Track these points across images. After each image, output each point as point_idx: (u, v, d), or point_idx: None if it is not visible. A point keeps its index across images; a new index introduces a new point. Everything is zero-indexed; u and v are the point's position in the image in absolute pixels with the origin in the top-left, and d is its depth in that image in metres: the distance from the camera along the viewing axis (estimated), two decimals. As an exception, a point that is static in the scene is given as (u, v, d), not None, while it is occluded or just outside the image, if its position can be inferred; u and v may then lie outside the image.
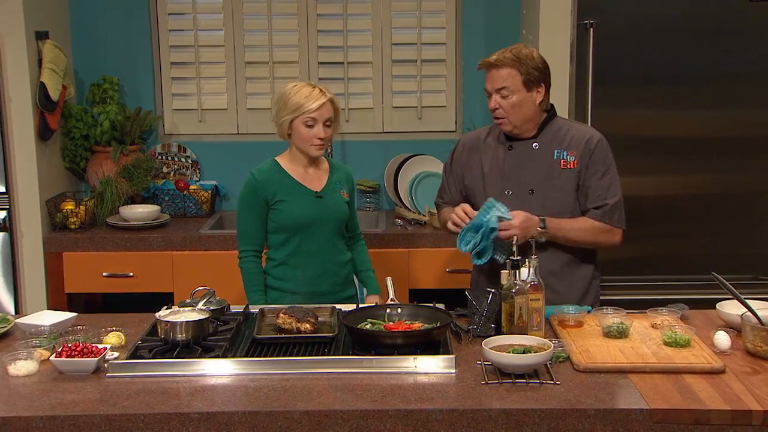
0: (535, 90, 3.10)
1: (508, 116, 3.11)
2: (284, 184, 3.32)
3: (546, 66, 3.14)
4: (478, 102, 4.95)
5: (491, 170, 3.22)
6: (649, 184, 4.28)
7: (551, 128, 3.19)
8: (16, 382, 2.48)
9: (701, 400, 2.31)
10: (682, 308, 3.00)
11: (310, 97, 3.21)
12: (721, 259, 4.28)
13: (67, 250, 4.40)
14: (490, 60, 3.12)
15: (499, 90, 3.09)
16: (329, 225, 3.34)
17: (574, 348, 2.66)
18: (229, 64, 4.97)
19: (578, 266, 3.20)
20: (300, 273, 3.33)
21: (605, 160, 3.15)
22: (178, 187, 4.79)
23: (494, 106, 3.12)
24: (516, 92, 3.08)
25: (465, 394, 2.39)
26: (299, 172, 3.36)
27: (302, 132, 3.25)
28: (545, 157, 3.16)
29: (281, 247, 3.35)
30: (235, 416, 2.28)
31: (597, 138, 3.16)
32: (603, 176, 3.14)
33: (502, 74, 3.08)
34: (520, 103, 3.09)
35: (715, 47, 4.20)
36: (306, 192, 3.33)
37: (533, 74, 3.08)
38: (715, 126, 4.26)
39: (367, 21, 4.94)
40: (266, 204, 3.31)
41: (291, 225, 3.30)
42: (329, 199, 3.35)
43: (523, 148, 3.19)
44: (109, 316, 3.09)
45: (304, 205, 3.31)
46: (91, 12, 4.87)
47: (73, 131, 4.70)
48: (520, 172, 3.17)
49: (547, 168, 3.15)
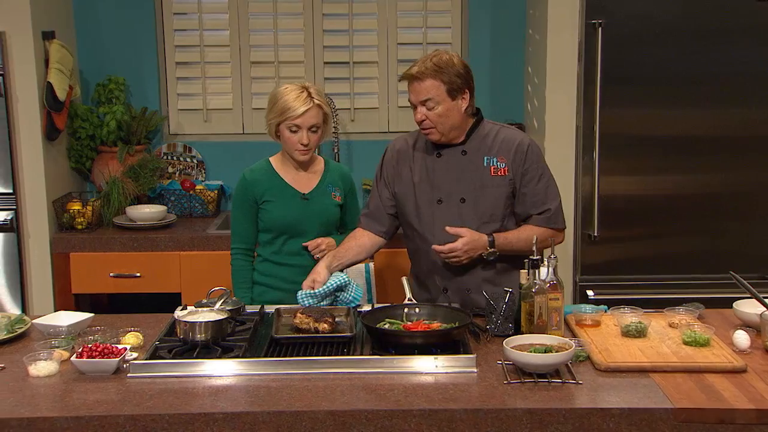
0: (460, 97, 3.06)
1: (435, 126, 3.06)
2: (273, 185, 3.35)
3: (468, 70, 3.09)
4: (484, 102, 4.96)
5: (421, 179, 3.17)
6: (657, 183, 4.28)
7: (479, 133, 3.15)
8: (37, 383, 2.47)
9: (725, 400, 2.32)
10: (698, 307, 3.00)
11: (296, 102, 3.20)
12: (732, 257, 4.28)
13: (74, 251, 4.38)
14: (412, 72, 3.04)
15: (424, 102, 3.03)
16: (315, 227, 3.36)
17: (594, 347, 2.66)
18: (235, 63, 4.95)
19: (513, 270, 3.14)
20: (283, 271, 3.36)
21: (539, 164, 3.15)
22: (184, 187, 4.78)
23: (421, 118, 3.06)
24: (441, 102, 3.02)
25: (488, 393, 2.39)
26: (289, 174, 3.38)
27: (286, 136, 3.27)
28: (475, 165, 3.13)
29: (267, 245, 3.40)
30: (260, 416, 2.28)
31: (527, 143, 3.14)
32: (539, 181, 3.13)
33: (426, 86, 3.01)
34: (446, 112, 3.04)
35: (723, 46, 4.20)
36: (293, 194, 3.35)
37: (456, 82, 3.02)
38: (725, 124, 4.25)
39: (372, 21, 4.94)
40: (255, 203, 3.35)
41: (276, 225, 3.34)
42: (316, 202, 3.36)
43: (451, 155, 3.15)
44: (125, 317, 3.08)
45: (290, 207, 3.33)
46: (96, 12, 4.86)
47: (79, 131, 4.68)
48: (451, 180, 3.14)
49: (477, 175, 3.12)
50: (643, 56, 4.22)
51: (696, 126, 4.26)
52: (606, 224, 4.24)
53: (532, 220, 3.13)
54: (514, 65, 4.92)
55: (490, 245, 3.03)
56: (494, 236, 3.05)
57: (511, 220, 3.16)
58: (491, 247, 3.03)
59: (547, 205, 3.12)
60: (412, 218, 3.20)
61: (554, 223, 3.14)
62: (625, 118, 4.23)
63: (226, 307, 2.88)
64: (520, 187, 3.11)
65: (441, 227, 3.09)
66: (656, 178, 4.29)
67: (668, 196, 4.28)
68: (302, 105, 3.20)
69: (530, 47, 4.77)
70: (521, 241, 3.09)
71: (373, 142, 4.99)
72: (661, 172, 4.28)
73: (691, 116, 4.25)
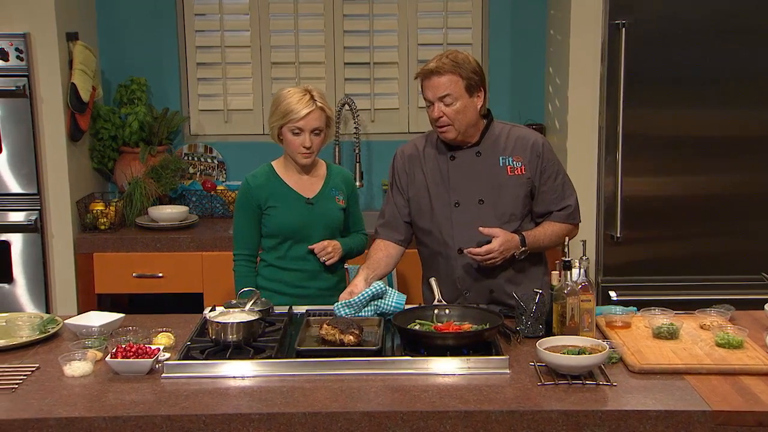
0: (476, 95, 3.06)
1: (453, 123, 3.04)
2: (277, 190, 3.32)
3: (482, 69, 3.10)
4: (505, 103, 4.97)
5: (435, 183, 3.16)
6: (680, 184, 4.28)
7: (492, 134, 3.15)
8: (72, 383, 2.48)
9: (763, 402, 2.31)
10: (729, 309, 2.99)
11: (298, 105, 3.18)
12: (759, 258, 4.27)
13: (98, 251, 4.39)
14: (430, 67, 3.03)
15: (442, 98, 3.01)
16: (319, 231, 3.33)
17: (626, 349, 2.65)
18: (255, 64, 4.96)
19: (531, 267, 3.18)
20: (287, 276, 3.35)
21: (554, 161, 3.16)
22: (206, 187, 4.79)
23: (438, 115, 3.03)
24: (459, 98, 3.01)
25: (522, 395, 2.38)
26: (293, 178, 3.36)
27: (289, 139, 3.24)
28: (491, 165, 3.12)
29: (272, 251, 3.37)
30: (296, 417, 2.28)
31: (541, 141, 3.15)
32: (557, 178, 3.14)
33: (444, 81, 3.00)
34: (464, 109, 3.03)
35: (747, 46, 4.19)
36: (297, 198, 3.33)
37: (473, 78, 3.03)
38: (749, 125, 4.25)
39: (393, 21, 4.94)
40: (259, 209, 3.32)
41: (281, 230, 3.31)
42: (321, 206, 3.34)
43: (466, 157, 3.14)
44: (155, 317, 3.09)
45: (295, 212, 3.31)
46: (118, 13, 4.88)
47: (102, 132, 4.70)
48: (467, 182, 3.12)
49: (494, 176, 3.11)
50: (667, 56, 4.21)
51: (720, 126, 4.25)
52: (629, 225, 4.24)
53: (553, 216, 3.14)
54: (535, 66, 4.92)
55: (522, 244, 3.04)
56: (524, 234, 3.06)
57: (527, 220, 3.17)
58: (523, 246, 3.04)
59: (566, 201, 3.14)
60: (427, 222, 3.19)
61: (573, 219, 3.17)
62: (648, 119, 4.22)
63: (256, 308, 2.88)
64: (539, 186, 3.12)
65: (460, 230, 3.10)
66: (680, 179, 4.28)
67: (692, 197, 4.27)
68: (305, 107, 3.18)
69: (551, 48, 4.77)
70: (546, 238, 3.12)
71: (393, 142, 4.93)
72: (685, 172, 4.27)
73: (715, 116, 4.25)
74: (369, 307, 2.99)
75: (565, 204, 3.14)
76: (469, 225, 3.07)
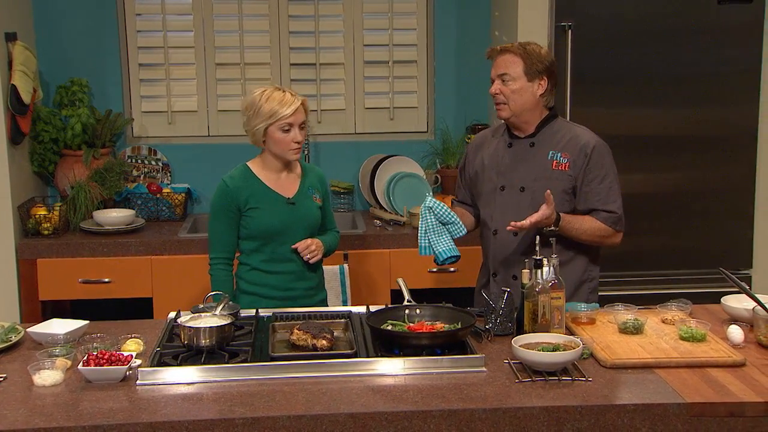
0: (537, 82, 3.16)
1: (507, 102, 3.17)
2: (256, 191, 3.30)
3: (553, 63, 3.21)
4: (450, 103, 5.01)
5: (489, 166, 3.30)
6: (624, 181, 4.32)
7: (551, 128, 3.24)
8: (43, 392, 2.41)
9: (734, 394, 2.38)
10: (686, 303, 3.07)
11: (283, 103, 3.20)
12: (692, 253, 4.43)
13: (41, 257, 4.28)
14: (497, 47, 3.23)
15: (501, 75, 3.18)
16: (301, 231, 3.33)
17: (596, 345, 2.70)
18: (200, 65, 4.90)
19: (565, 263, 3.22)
20: (274, 279, 3.33)
21: (603, 165, 3.20)
22: (151, 190, 4.71)
23: (495, 91, 3.19)
24: (517, 79, 3.15)
25: (502, 392, 2.41)
26: (271, 178, 3.34)
27: (278, 138, 3.23)
28: (539, 157, 3.21)
29: (254, 254, 3.34)
30: (280, 420, 2.27)
31: (593, 143, 3.20)
32: (602, 181, 3.19)
33: (506, 60, 3.17)
34: (520, 90, 3.15)
35: (687, 47, 4.35)
36: (278, 199, 3.31)
37: (537, 65, 3.15)
38: (690, 124, 4.40)
39: (338, 22, 4.94)
40: (238, 211, 3.29)
41: (263, 232, 3.29)
42: (301, 206, 3.34)
43: (521, 146, 3.25)
44: (119, 323, 3.02)
45: (277, 212, 3.29)
46: (55, 12, 4.76)
47: (42, 135, 4.58)
48: (515, 169, 3.23)
49: (539, 167, 3.20)
50: (611, 57, 4.33)
51: (663, 125, 4.39)
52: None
53: (596, 214, 3.18)
54: (480, 66, 4.94)
55: (556, 223, 3.07)
56: (561, 216, 3.09)
57: None
58: (555, 225, 3.07)
59: (610, 205, 3.17)
60: (478, 202, 3.35)
61: (615, 224, 3.18)
62: (594, 118, 4.27)
63: (225, 312, 2.85)
64: (581, 186, 3.17)
65: (499, 213, 3.22)
66: (624, 177, 4.35)
67: (636, 194, 4.37)
68: (291, 104, 3.20)
69: (495, 48, 4.82)
70: (580, 230, 3.15)
71: (340, 143, 4.99)
72: (629, 170, 4.36)
73: (657, 115, 4.39)
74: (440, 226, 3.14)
75: (609, 208, 3.17)
76: (507, 210, 3.18)
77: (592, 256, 3.28)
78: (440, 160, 4.95)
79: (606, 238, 3.19)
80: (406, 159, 4.87)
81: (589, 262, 3.27)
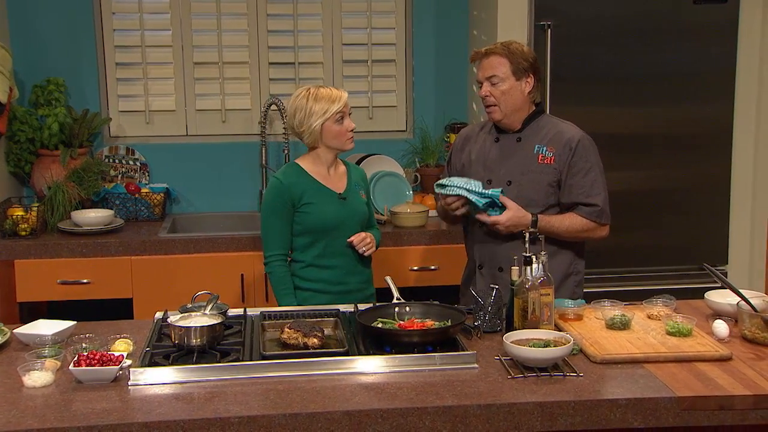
0: (524, 80, 3.21)
1: (498, 104, 3.22)
2: (310, 187, 3.35)
3: (535, 59, 3.26)
4: (429, 102, 5.03)
5: (476, 160, 3.33)
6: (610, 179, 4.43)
7: (537, 123, 3.28)
8: (34, 393, 2.39)
9: (723, 387, 2.41)
10: (670, 299, 3.11)
11: (332, 98, 3.29)
12: (674, 251, 4.47)
13: (19, 258, 4.22)
14: (481, 50, 3.26)
15: (489, 78, 3.21)
16: (353, 225, 3.39)
17: (585, 341, 2.73)
18: (177, 64, 4.87)
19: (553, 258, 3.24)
20: (329, 273, 3.37)
21: (587, 159, 3.24)
22: (129, 190, 4.67)
23: (485, 94, 3.23)
24: (505, 80, 3.19)
25: (495, 389, 2.43)
26: (322, 174, 3.40)
27: (335, 130, 3.31)
28: (525, 151, 3.26)
29: (308, 249, 3.38)
30: (276, 419, 2.27)
31: (578, 137, 3.25)
32: (586, 174, 3.23)
33: (492, 62, 3.21)
34: (510, 90, 3.20)
35: (664, 47, 4.39)
36: (331, 194, 3.37)
37: (522, 64, 3.20)
38: (668, 122, 4.45)
39: (317, 21, 4.93)
40: (293, 207, 3.33)
41: (318, 227, 3.34)
42: (352, 200, 3.41)
43: (507, 141, 3.30)
44: (106, 323, 3.00)
45: (330, 207, 3.35)
46: (31, 10, 4.70)
47: (18, 134, 4.52)
48: (501, 163, 3.27)
49: (525, 161, 3.24)
50: (589, 56, 4.36)
51: (641, 123, 4.44)
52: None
53: (578, 209, 3.22)
54: (459, 65, 4.98)
55: (533, 225, 3.11)
56: (538, 217, 3.15)
57: (552, 211, 3.24)
58: (533, 227, 3.10)
59: (593, 198, 3.21)
60: None
61: (599, 218, 3.23)
62: (573, 116, 4.25)
63: (214, 311, 2.84)
64: (566, 179, 3.21)
65: None
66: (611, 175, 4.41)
67: (615, 192, 4.36)
68: (338, 94, 3.31)
69: (475, 47, 4.82)
70: (563, 228, 3.20)
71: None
72: (608, 168, 4.34)
73: (635, 114, 4.44)
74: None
75: (592, 201, 3.21)
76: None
77: (577, 250, 3.32)
78: (419, 158, 4.96)
79: (591, 232, 3.23)
80: (386, 158, 4.87)
81: (575, 255, 3.30)
